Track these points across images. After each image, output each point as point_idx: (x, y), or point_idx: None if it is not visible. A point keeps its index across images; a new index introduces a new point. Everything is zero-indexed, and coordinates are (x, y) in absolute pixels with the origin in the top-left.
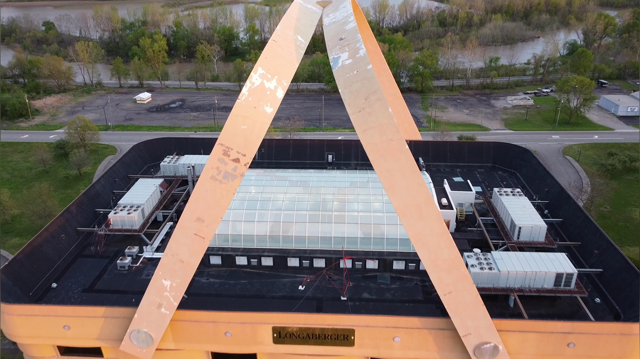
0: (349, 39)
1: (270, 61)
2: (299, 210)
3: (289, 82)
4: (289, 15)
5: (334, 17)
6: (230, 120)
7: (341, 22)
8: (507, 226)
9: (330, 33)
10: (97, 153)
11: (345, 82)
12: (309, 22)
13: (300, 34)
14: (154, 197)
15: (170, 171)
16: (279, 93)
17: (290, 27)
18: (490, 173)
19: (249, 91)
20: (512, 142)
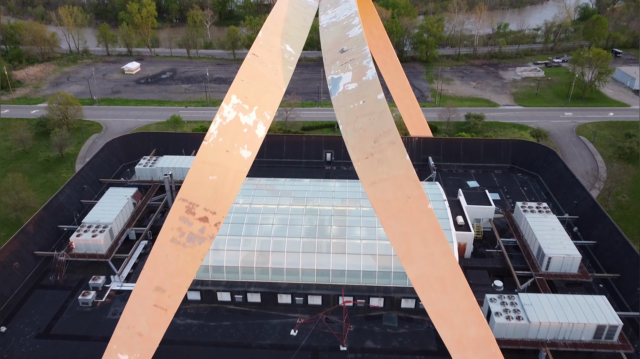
0: (353, 52)
1: (248, 85)
2: (291, 237)
3: (274, 112)
4: (275, 15)
5: (333, 16)
6: (194, 169)
7: (343, 23)
8: (533, 253)
9: (329, 40)
10: (81, 131)
11: (347, 115)
12: (301, 22)
13: (290, 41)
14: (125, 212)
15: (147, 175)
16: (260, 131)
17: (277, 32)
18: (509, 176)
19: (220, 129)
20: (522, 119)
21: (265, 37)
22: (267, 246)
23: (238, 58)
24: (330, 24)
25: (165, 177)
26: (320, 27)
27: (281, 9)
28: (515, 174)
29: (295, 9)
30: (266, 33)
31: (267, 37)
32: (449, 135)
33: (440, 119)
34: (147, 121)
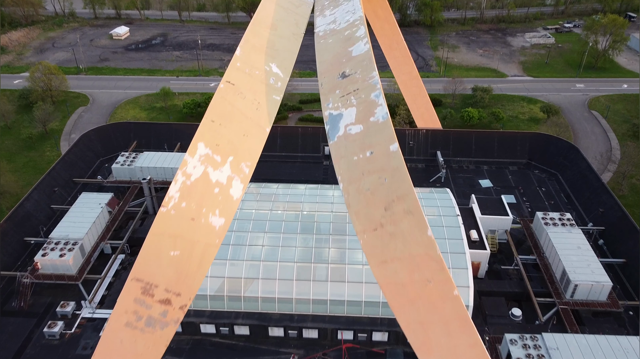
0: (357, 78)
1: (220, 128)
2: (284, 261)
3: (255, 162)
4: (258, 20)
5: (332, 20)
6: (150, 243)
7: (344, 34)
8: (556, 276)
9: (326, 56)
10: (66, 105)
11: (349, 170)
12: (292, 28)
13: (277, 58)
14: (99, 223)
15: (125, 175)
16: (237, 190)
17: (260, 46)
18: (525, 174)
19: (182, 191)
20: (531, 92)
21: (244, 55)
22: (257, 272)
23: (233, 22)
24: (328, 33)
25: (143, 182)
26: (315, 35)
27: (266, 10)
28: (532, 171)
29: (285, 9)
30: (245, 49)
31: (247, 54)
32: (454, 111)
33: (445, 92)
34: (136, 92)
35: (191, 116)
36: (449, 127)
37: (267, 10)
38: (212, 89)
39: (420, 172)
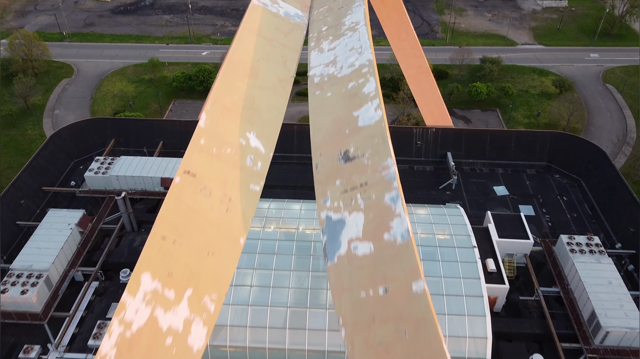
0: (367, 166)
1: (173, 248)
2: (275, 305)
3: (224, 294)
4: (233, 64)
5: (330, 59)
6: None
7: (347, 86)
8: (584, 317)
9: (323, 120)
10: (49, 77)
11: (354, 312)
12: (278, 72)
13: (258, 123)
14: (68, 248)
15: (99, 184)
16: (198, 339)
17: (234, 106)
18: (544, 179)
19: (119, 346)
20: (543, 62)
21: (211, 124)
22: (244, 319)
23: None
24: (326, 81)
25: (118, 199)
26: (308, 81)
27: (244, 45)
28: (552, 176)
29: (270, 40)
30: (213, 114)
31: (215, 123)
32: (461, 85)
33: (452, 62)
34: (123, 62)
35: (181, 90)
36: (455, 102)
37: (244, 45)
38: (203, 59)
39: (428, 175)
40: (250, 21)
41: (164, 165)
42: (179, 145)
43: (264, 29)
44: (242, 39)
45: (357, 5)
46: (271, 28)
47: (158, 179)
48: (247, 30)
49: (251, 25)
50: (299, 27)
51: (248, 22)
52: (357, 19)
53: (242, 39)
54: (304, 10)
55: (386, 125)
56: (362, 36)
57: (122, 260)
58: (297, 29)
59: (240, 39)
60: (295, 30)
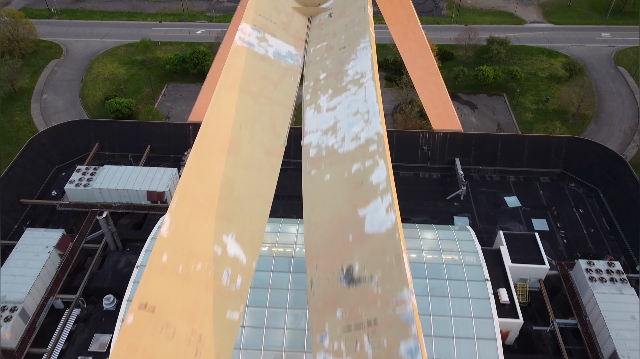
0: (376, 294)
1: None
2: (269, 348)
3: None
4: (206, 137)
5: (330, 120)
6: None
7: (351, 168)
8: (604, 355)
9: (319, 215)
10: (36, 58)
11: None
12: (266, 142)
13: (236, 221)
14: (46, 275)
15: (81, 197)
16: None
17: (206, 202)
18: (559, 188)
19: None
20: (552, 42)
21: (178, 224)
22: None
23: None
24: (324, 157)
25: (100, 219)
26: (302, 151)
27: (225, 104)
28: (567, 185)
29: (255, 96)
30: (183, 208)
31: (184, 222)
32: (467, 67)
33: (457, 42)
34: (114, 41)
35: (175, 73)
36: (460, 87)
37: (223, 107)
38: (198, 38)
39: (435, 183)
40: (231, 72)
41: (151, 175)
42: (167, 150)
43: (248, 81)
44: (221, 99)
45: (362, 48)
46: (257, 78)
47: (144, 192)
48: (227, 85)
49: (232, 77)
50: (292, 71)
51: (228, 74)
52: (363, 68)
53: (221, 100)
54: (299, 45)
55: (401, 236)
56: (369, 95)
57: (105, 284)
58: (290, 74)
59: (218, 99)
60: (288, 77)
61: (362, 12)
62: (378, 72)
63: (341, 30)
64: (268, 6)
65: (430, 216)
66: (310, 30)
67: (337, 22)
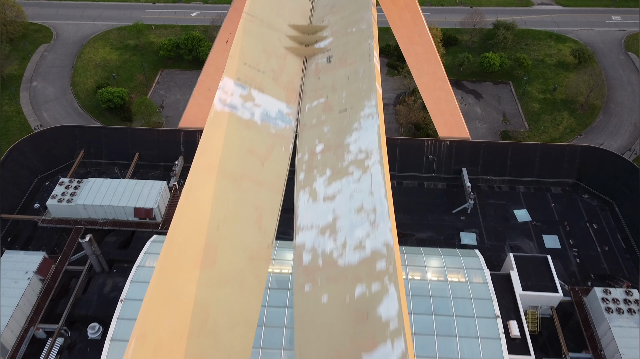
0: None
1: None
2: None
3: None
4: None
5: (328, 214)
6: None
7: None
8: None
9: (314, 352)
10: (25, 42)
11: None
12: (250, 242)
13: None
14: (26, 303)
15: (64, 213)
16: None
17: (171, 342)
18: (572, 200)
19: None
20: (561, 26)
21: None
22: None
23: None
24: (320, 266)
25: (83, 242)
26: (293, 252)
27: (198, 196)
28: (580, 196)
29: (238, 179)
30: (141, 353)
31: None
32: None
33: (462, 26)
34: (106, 25)
35: (169, 59)
36: (465, 74)
37: (196, 201)
38: (192, 20)
39: (440, 195)
40: (208, 150)
41: (138, 190)
42: (156, 157)
43: (229, 160)
44: (194, 190)
45: (367, 115)
46: (241, 154)
47: (131, 209)
48: (202, 169)
49: (209, 158)
50: (283, 138)
51: (205, 153)
52: (369, 145)
53: (194, 191)
54: (292, 100)
55: None
56: (376, 187)
57: (90, 312)
58: (281, 142)
59: (191, 190)
60: (278, 147)
61: (366, 61)
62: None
63: (342, 84)
64: (256, 49)
65: (436, 231)
66: (305, 77)
67: (337, 72)
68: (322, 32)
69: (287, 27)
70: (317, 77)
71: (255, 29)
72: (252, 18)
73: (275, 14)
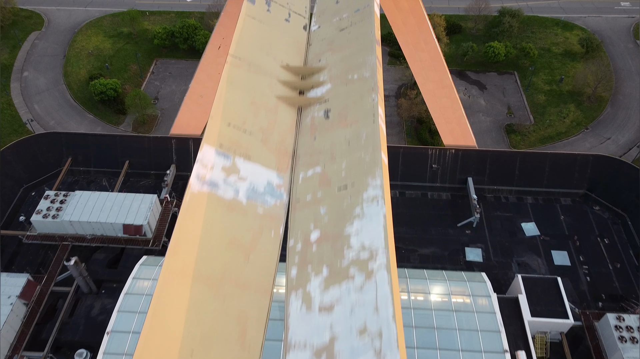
0: None
1: None
2: None
3: None
4: None
5: (321, 301)
6: None
7: None
8: None
9: None
10: (16, 29)
11: None
12: None
13: None
14: (9, 330)
15: (49, 229)
16: None
17: None
18: (582, 212)
19: None
20: (568, 13)
21: None
22: None
23: None
24: None
25: (69, 265)
26: None
27: (167, 315)
28: (591, 208)
29: (216, 285)
30: None
31: None
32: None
33: (467, 13)
34: (99, 11)
35: (164, 48)
36: (469, 64)
37: (166, 310)
38: (188, 7)
39: (444, 206)
40: (179, 249)
41: (127, 204)
42: (147, 165)
43: (207, 258)
44: (163, 302)
45: (371, 198)
46: (222, 248)
47: (119, 225)
48: (173, 273)
49: (182, 258)
50: (272, 219)
51: (176, 253)
52: (373, 241)
53: (163, 304)
54: (283, 168)
55: None
56: (382, 301)
57: (77, 337)
58: (269, 225)
59: (160, 303)
60: (267, 232)
61: (370, 122)
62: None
63: (341, 151)
64: (242, 103)
65: (440, 247)
66: (299, 135)
67: (336, 133)
68: (320, 74)
69: (279, 69)
70: (313, 136)
71: (243, 76)
72: (239, 62)
73: (266, 52)
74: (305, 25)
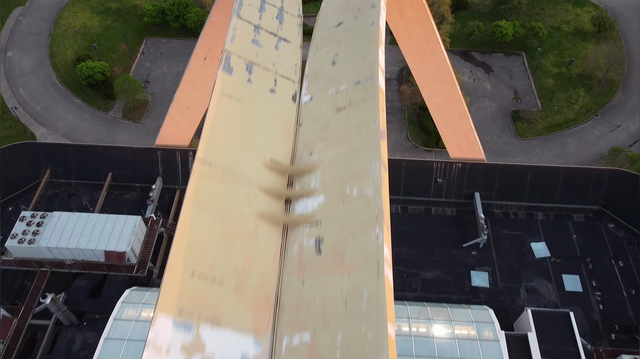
0: None
1: None
2: None
3: None
4: None
5: None
6: None
7: None
8: None
9: None
10: None
11: None
12: None
13: None
14: None
15: (25, 254)
16: None
17: None
18: (596, 231)
19: None
20: None
21: None
22: None
23: None
24: None
25: (46, 302)
26: None
27: None
28: (605, 226)
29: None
30: None
31: None
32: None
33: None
34: None
35: (154, 26)
36: (475, 44)
37: None
38: None
39: (450, 223)
40: None
41: (109, 228)
42: (132, 178)
43: None
44: None
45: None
46: None
47: (101, 252)
48: None
49: None
50: None
51: None
52: None
53: None
54: (262, 328)
55: None
56: None
57: None
58: None
59: None
60: None
61: (374, 277)
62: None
63: (336, 315)
64: (212, 233)
65: (444, 270)
66: (284, 273)
67: (330, 281)
68: (311, 177)
69: (261, 171)
70: (301, 279)
71: (213, 190)
72: (209, 171)
73: (245, 147)
74: (295, 94)
